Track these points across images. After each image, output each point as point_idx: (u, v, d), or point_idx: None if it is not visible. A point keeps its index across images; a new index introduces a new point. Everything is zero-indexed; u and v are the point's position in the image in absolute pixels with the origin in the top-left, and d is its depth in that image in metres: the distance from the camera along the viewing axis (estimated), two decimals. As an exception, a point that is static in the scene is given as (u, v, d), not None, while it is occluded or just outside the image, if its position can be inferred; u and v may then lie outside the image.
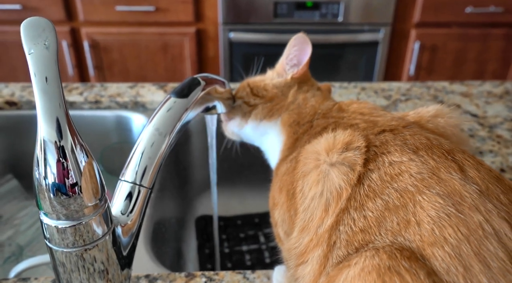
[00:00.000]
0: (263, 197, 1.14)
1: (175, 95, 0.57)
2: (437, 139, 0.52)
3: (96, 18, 2.25)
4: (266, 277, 0.61)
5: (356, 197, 0.47)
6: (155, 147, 0.54)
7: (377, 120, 0.59)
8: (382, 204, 0.45)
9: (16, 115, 1.02)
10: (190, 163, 1.10)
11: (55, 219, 0.43)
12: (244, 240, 1.06)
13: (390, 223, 0.43)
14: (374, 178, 0.47)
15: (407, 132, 0.53)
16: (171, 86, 1.09)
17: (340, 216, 0.47)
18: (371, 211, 0.45)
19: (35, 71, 0.40)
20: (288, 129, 0.67)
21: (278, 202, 0.61)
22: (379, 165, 0.48)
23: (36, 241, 0.90)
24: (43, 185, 0.41)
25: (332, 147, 0.51)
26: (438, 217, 0.41)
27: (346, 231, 0.46)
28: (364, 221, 0.45)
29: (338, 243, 0.46)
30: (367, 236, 0.44)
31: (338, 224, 0.47)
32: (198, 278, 0.60)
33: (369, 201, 0.46)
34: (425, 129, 0.57)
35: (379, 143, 0.51)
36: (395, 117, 0.60)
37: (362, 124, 0.59)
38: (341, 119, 0.62)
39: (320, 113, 0.66)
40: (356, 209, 0.46)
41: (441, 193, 0.43)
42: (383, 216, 0.44)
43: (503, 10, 2.38)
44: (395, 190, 0.45)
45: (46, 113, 0.40)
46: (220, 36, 2.34)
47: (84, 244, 0.44)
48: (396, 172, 0.47)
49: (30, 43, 0.40)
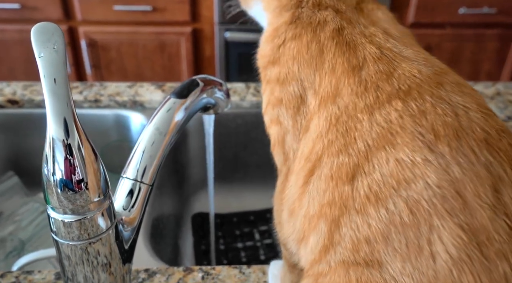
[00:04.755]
0: (258, 195, 1.17)
1: (175, 96, 0.60)
2: (469, 117, 0.40)
3: (94, 18, 2.27)
4: (262, 272, 0.63)
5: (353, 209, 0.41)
6: (156, 146, 0.56)
7: (396, 65, 0.45)
8: (386, 216, 0.39)
9: (18, 114, 1.04)
10: (187, 161, 1.13)
11: (62, 213, 0.45)
12: (239, 237, 1.09)
13: (397, 242, 0.38)
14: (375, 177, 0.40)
15: (429, 99, 0.41)
16: (169, 86, 1.11)
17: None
18: (374, 220, 0.39)
19: (44, 73, 0.42)
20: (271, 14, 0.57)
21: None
22: (379, 162, 0.41)
23: (37, 237, 0.93)
24: (51, 181, 0.43)
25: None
26: (459, 258, 0.35)
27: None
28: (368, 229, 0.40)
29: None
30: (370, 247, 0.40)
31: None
32: (195, 272, 0.63)
33: (370, 207, 0.40)
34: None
35: (383, 122, 0.42)
36: (426, 61, 0.46)
37: (369, 68, 0.46)
38: (348, 26, 0.49)
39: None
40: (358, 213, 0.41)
41: (465, 226, 0.35)
42: (388, 228, 0.38)
43: (496, 11, 2.41)
44: (404, 201, 0.38)
45: (54, 113, 0.42)
46: (216, 35, 2.36)
47: (89, 238, 0.47)
48: (405, 176, 0.39)
49: (40, 47, 0.43)
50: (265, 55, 0.55)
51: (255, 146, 1.17)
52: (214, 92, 0.65)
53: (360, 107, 0.43)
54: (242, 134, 1.14)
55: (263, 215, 1.14)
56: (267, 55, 0.55)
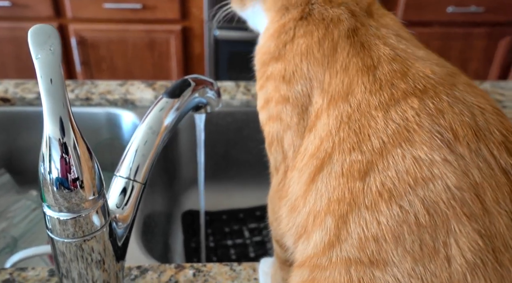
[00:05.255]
0: (248, 193, 1.18)
1: (167, 96, 0.61)
2: (485, 118, 0.40)
3: (84, 15, 2.27)
4: (252, 269, 0.65)
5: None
6: (148, 144, 0.57)
7: (410, 65, 0.45)
8: (400, 214, 0.38)
9: (10, 111, 1.04)
10: (178, 160, 1.14)
11: (58, 211, 0.46)
12: (229, 235, 1.10)
13: (410, 243, 0.38)
14: (390, 175, 0.40)
15: (446, 98, 0.41)
16: (160, 84, 1.12)
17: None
18: (385, 217, 0.39)
19: (41, 73, 0.43)
20: (272, 14, 0.57)
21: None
22: (394, 158, 0.40)
23: (29, 234, 0.93)
24: (48, 179, 0.44)
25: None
26: (474, 263, 0.35)
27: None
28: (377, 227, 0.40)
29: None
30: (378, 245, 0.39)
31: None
32: (187, 269, 0.64)
33: (382, 203, 0.40)
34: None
35: (399, 119, 0.41)
36: (438, 61, 0.47)
37: (384, 67, 0.46)
38: (361, 27, 0.50)
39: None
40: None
41: (482, 231, 0.35)
42: (401, 228, 0.38)
43: (484, 10, 2.45)
44: (420, 201, 0.38)
45: (51, 112, 0.43)
46: (206, 33, 2.36)
47: (84, 235, 0.48)
48: (423, 175, 0.38)
49: (37, 49, 0.43)
50: (268, 52, 0.54)
51: (245, 144, 1.18)
52: (205, 92, 0.66)
53: (374, 105, 0.43)
54: (232, 132, 1.16)
55: (252, 213, 1.16)
56: (270, 52, 0.54)
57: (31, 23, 1.93)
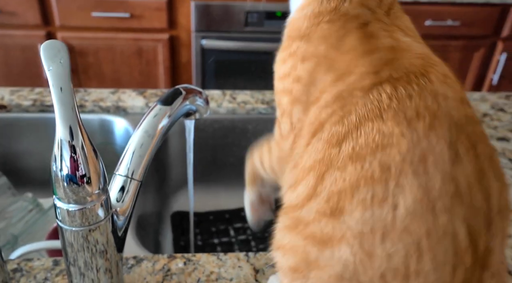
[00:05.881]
0: (233, 195, 1.25)
1: (161, 103, 0.68)
2: (447, 104, 0.48)
3: (72, 23, 2.31)
4: (237, 258, 0.71)
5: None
6: (144, 147, 0.64)
7: (400, 57, 0.53)
8: (360, 171, 0.46)
9: (5, 117, 1.10)
10: (168, 162, 1.20)
11: (67, 203, 0.52)
12: (215, 234, 1.16)
13: (364, 194, 0.45)
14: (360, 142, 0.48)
15: (416, 87, 0.49)
16: (150, 92, 1.19)
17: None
18: (349, 175, 0.47)
19: (53, 83, 0.50)
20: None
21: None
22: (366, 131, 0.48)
23: (26, 233, 0.99)
24: (59, 176, 0.51)
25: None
26: (414, 208, 0.43)
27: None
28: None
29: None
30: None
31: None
32: (178, 259, 0.71)
33: (349, 164, 0.47)
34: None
35: (375, 100, 0.49)
36: (424, 54, 0.54)
37: (378, 54, 0.53)
38: (374, 22, 0.57)
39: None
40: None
41: (423, 185, 0.44)
42: (358, 182, 0.46)
43: (459, 24, 2.54)
44: (377, 161, 0.46)
45: (62, 117, 0.50)
46: (193, 43, 2.42)
47: (89, 225, 0.54)
48: (383, 142, 0.46)
49: (49, 61, 0.50)
50: (298, 29, 0.61)
51: (231, 149, 1.25)
52: (195, 100, 0.73)
53: (360, 86, 0.51)
54: (219, 138, 1.22)
55: (237, 213, 1.22)
56: (300, 30, 0.60)
57: (19, 31, 2.03)
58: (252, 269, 0.70)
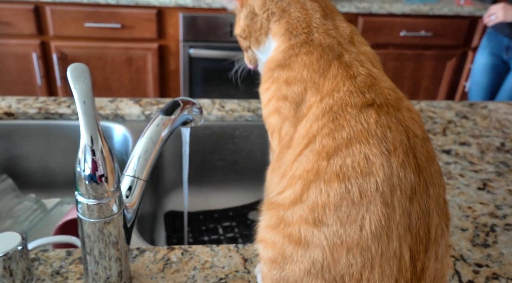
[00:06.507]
0: (222, 196, 1.36)
1: (162, 113, 0.78)
2: (415, 141, 0.57)
3: (66, 33, 2.40)
4: (227, 249, 0.82)
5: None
6: (149, 152, 0.74)
7: (377, 83, 0.62)
8: (344, 193, 0.55)
9: (12, 124, 1.19)
10: (162, 166, 1.30)
11: (87, 198, 0.62)
12: (205, 232, 1.26)
13: (343, 213, 0.54)
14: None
15: (394, 119, 0.58)
16: (145, 101, 1.29)
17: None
18: (333, 192, 0.55)
19: (78, 98, 0.60)
20: (281, 38, 0.73)
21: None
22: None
23: (32, 231, 1.08)
24: (82, 175, 0.61)
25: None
26: (376, 232, 0.53)
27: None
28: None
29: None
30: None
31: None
32: (176, 250, 0.81)
33: (335, 181, 0.55)
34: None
35: (364, 122, 0.58)
36: (393, 87, 0.64)
37: (361, 78, 0.63)
38: (346, 53, 0.67)
39: (324, 29, 0.70)
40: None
41: (386, 215, 0.53)
42: (341, 201, 0.55)
43: (432, 34, 2.68)
44: (358, 186, 0.54)
45: (85, 126, 0.60)
46: (181, 51, 2.53)
47: (105, 217, 0.64)
48: (366, 169, 0.54)
49: (75, 80, 0.60)
50: (276, 60, 0.71)
51: (220, 153, 1.35)
52: (191, 110, 0.83)
53: (350, 103, 0.60)
54: (209, 143, 1.33)
55: (226, 213, 1.32)
56: (278, 60, 0.70)
57: (14, 40, 2.13)
58: (241, 258, 0.80)
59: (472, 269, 0.82)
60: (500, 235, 0.91)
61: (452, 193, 1.03)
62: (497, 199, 1.02)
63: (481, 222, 0.94)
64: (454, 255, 0.85)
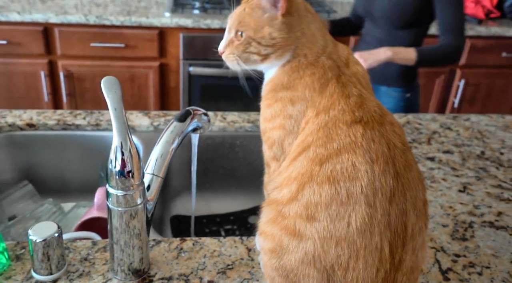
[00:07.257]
0: (223, 201, 1.46)
1: (176, 120, 0.90)
2: (394, 152, 0.65)
3: (72, 53, 2.50)
4: (233, 241, 0.93)
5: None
6: (165, 153, 0.85)
7: (366, 103, 0.70)
8: (334, 194, 0.63)
9: (33, 135, 1.30)
10: (169, 171, 1.39)
11: (116, 189, 0.73)
12: (209, 234, 1.34)
13: (333, 211, 0.62)
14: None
15: (377, 133, 0.66)
16: (154, 113, 1.40)
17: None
18: (325, 192, 0.63)
19: (110, 105, 0.71)
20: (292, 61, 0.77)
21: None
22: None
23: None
24: (113, 171, 0.72)
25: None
26: (361, 229, 0.61)
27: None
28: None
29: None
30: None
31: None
32: (188, 241, 0.92)
33: (326, 183, 0.63)
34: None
35: (352, 136, 0.65)
36: (378, 105, 0.71)
37: (353, 99, 0.71)
38: (343, 75, 0.75)
39: (328, 53, 0.77)
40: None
41: (369, 214, 0.61)
42: (331, 201, 0.63)
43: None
44: (346, 188, 0.62)
45: (116, 129, 0.71)
46: (181, 69, 2.63)
47: (131, 206, 0.75)
48: (353, 174, 0.63)
49: (107, 90, 0.71)
50: (281, 82, 0.76)
51: (221, 161, 1.45)
52: (201, 118, 0.95)
53: (342, 120, 0.68)
54: (211, 152, 1.43)
55: (227, 217, 1.41)
56: (283, 83, 0.76)
57: (24, 60, 2.26)
58: (246, 248, 0.91)
59: (451, 259, 0.91)
60: (477, 231, 1.00)
61: (435, 195, 1.12)
62: (476, 200, 1.12)
63: (461, 220, 1.03)
64: (435, 247, 0.94)
